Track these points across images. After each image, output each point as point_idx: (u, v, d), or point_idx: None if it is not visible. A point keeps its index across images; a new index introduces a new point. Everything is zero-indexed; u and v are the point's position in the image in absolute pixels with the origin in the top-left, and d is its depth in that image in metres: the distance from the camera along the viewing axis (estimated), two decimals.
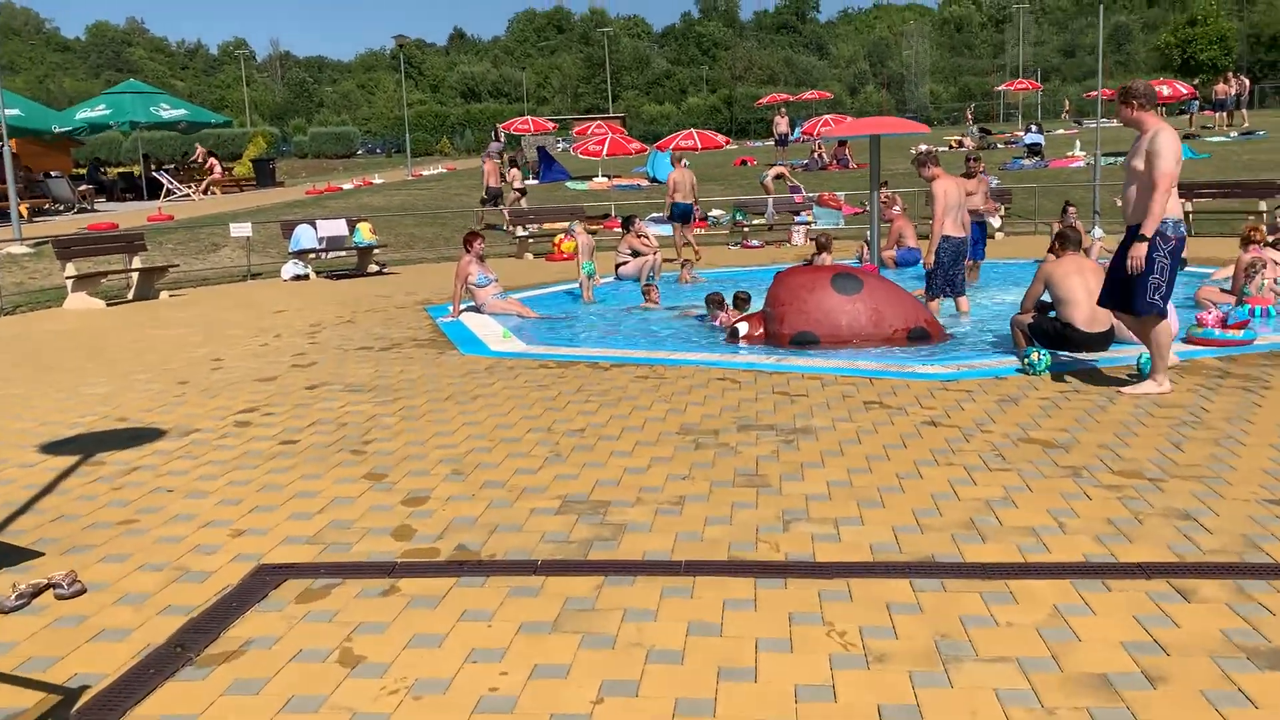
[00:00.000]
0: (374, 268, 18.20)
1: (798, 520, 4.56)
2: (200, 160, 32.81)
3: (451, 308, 11.68)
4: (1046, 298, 8.24)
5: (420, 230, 23.34)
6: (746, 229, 20.80)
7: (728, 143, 32.22)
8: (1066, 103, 55.96)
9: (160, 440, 6.45)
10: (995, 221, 13.47)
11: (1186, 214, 18.90)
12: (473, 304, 11.88)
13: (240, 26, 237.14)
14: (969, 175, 12.14)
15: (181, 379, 8.47)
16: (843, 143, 34.76)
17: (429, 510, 4.89)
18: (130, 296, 15.04)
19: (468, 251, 11.80)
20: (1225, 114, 36.63)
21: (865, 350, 8.73)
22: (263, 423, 6.81)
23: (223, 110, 69.31)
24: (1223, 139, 33.74)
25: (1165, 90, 34.50)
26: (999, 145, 36.54)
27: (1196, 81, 35.03)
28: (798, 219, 21.02)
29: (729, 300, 10.90)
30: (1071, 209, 14.72)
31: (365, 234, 18.25)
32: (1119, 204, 8.50)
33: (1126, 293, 6.59)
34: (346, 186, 33.51)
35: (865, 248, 16.23)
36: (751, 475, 5.23)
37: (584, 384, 7.58)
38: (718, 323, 10.43)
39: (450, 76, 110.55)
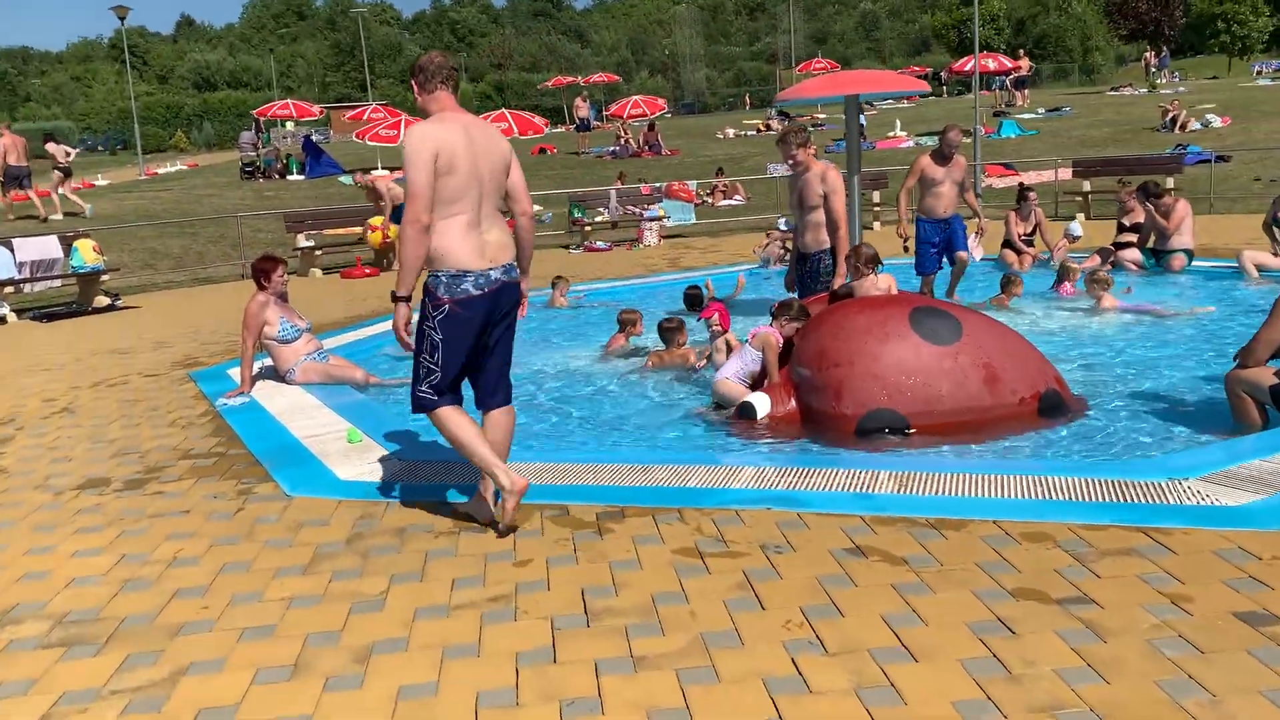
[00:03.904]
0: (103, 300, 13.29)
1: None
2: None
3: (240, 377, 7.36)
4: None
5: (163, 243, 18.19)
6: (588, 228, 17.06)
7: (547, 125, 28.32)
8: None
9: None
10: (976, 251, 9.38)
11: (1085, 194, 16.78)
12: (272, 364, 7.60)
13: None
14: (941, 155, 8.86)
15: None
16: (651, 127, 31.62)
17: None
18: None
19: (261, 287, 7.46)
20: (1023, 92, 36.05)
21: (989, 435, 5.24)
22: None
23: None
24: (1033, 115, 32.88)
25: (991, 64, 33.33)
26: (810, 127, 34.32)
27: (970, 63, 34.10)
28: (647, 214, 17.48)
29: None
30: (1031, 194, 11.84)
31: (87, 254, 13.32)
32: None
33: None
34: (61, 191, 27.18)
35: (772, 245, 12.87)
36: None
37: (587, 581, 3.65)
38: (700, 366, 6.78)
39: (181, 66, 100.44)
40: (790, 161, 7.44)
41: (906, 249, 8.99)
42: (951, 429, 5.32)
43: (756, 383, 6.00)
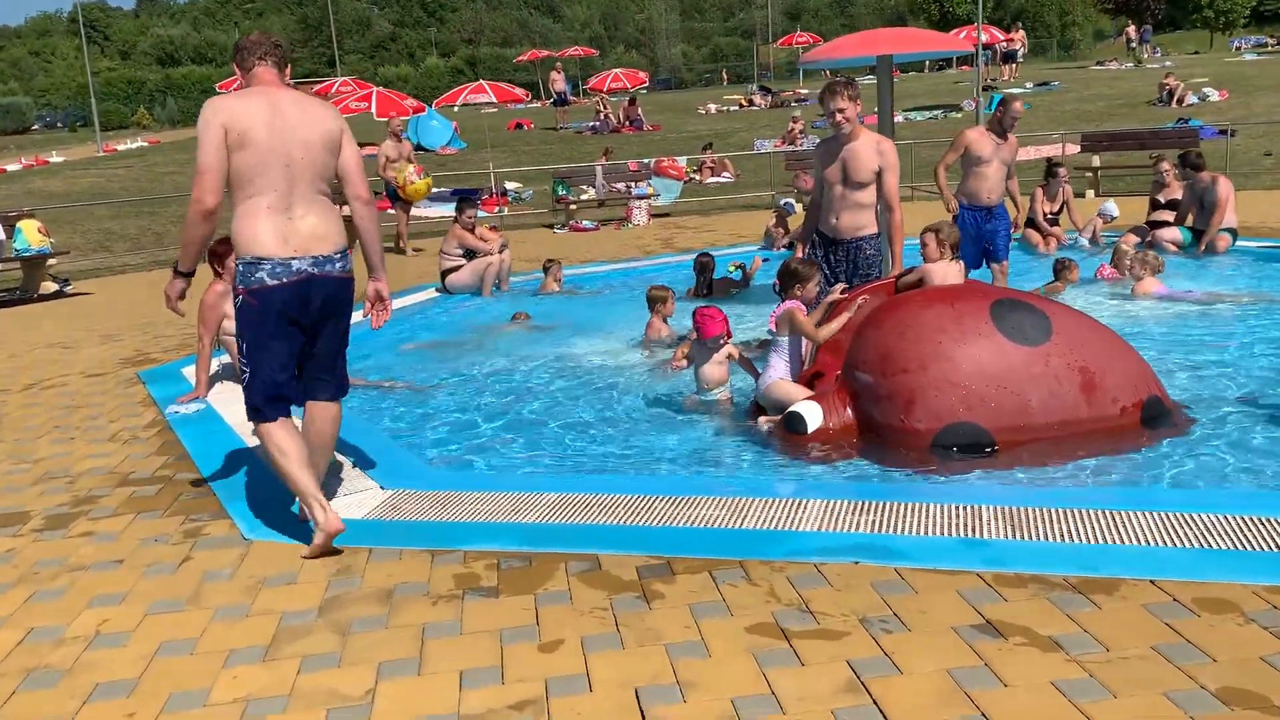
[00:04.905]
0: (50, 286, 12.24)
1: None
2: None
3: (195, 379, 6.41)
4: None
5: (120, 224, 17.11)
6: (574, 206, 16.10)
7: (527, 95, 27.31)
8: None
9: None
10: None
11: (1095, 169, 15.99)
12: (231, 363, 6.64)
13: None
14: (999, 129, 7.79)
15: None
16: (632, 101, 30.61)
17: None
18: None
19: (218, 275, 6.51)
20: (1014, 66, 35.30)
21: (1090, 452, 4.39)
22: None
23: None
24: (1023, 90, 32.09)
25: (984, 37, 32.55)
26: (793, 103, 33.45)
27: (962, 34, 33.31)
28: (635, 192, 16.54)
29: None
30: (1061, 170, 10.98)
31: (31, 236, 12.26)
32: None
33: None
34: (12, 167, 25.94)
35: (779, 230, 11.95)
36: None
37: (640, 675, 2.76)
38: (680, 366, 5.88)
39: (143, 41, 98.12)
40: (836, 119, 5.91)
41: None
42: (1043, 446, 4.47)
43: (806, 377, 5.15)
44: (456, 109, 24.73)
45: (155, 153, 31.16)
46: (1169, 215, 10.28)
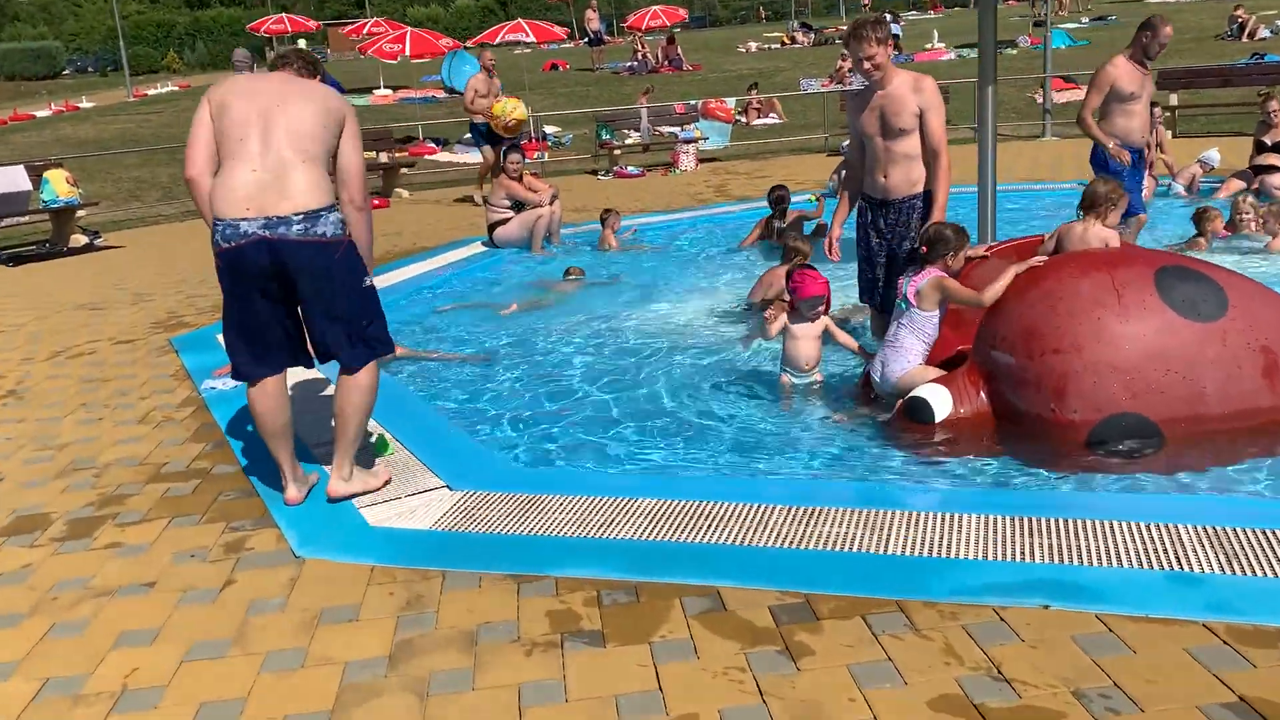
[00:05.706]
0: (80, 239, 11.72)
1: None
2: None
3: None
4: None
5: (150, 172, 16.56)
6: (618, 151, 15.36)
7: (566, 33, 26.47)
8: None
9: None
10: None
11: (1172, 109, 15.03)
12: None
13: None
14: (1145, 58, 6.89)
15: None
16: (671, 39, 29.63)
17: None
18: None
19: None
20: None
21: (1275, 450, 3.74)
22: None
23: None
24: (1077, 25, 30.81)
25: None
26: (837, 40, 32.26)
27: None
28: (682, 135, 15.78)
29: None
30: (1155, 109, 10.11)
31: (59, 186, 11.71)
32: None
33: None
34: (41, 114, 25.45)
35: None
36: None
37: None
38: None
39: None
40: (864, 67, 5.02)
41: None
42: (1221, 443, 3.81)
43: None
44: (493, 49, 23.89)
45: (186, 97, 30.61)
46: (1278, 159, 9.43)
